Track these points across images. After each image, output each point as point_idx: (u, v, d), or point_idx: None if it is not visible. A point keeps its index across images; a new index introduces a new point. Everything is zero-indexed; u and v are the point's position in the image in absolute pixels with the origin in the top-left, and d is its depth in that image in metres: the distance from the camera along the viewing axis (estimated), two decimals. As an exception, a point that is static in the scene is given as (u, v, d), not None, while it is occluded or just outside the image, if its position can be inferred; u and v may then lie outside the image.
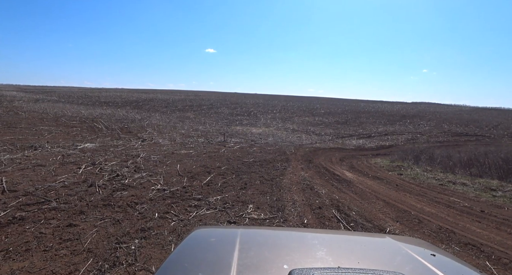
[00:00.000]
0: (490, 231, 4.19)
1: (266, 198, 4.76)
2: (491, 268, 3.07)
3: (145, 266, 2.56)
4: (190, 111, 28.57)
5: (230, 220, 3.75)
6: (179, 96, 45.43)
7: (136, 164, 6.39)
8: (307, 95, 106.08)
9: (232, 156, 8.44)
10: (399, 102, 63.85)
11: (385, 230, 3.89)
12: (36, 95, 35.53)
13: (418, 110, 39.67)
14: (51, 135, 10.10)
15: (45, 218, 3.40)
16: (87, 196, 4.21)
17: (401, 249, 1.14)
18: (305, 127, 22.49)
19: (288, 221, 3.86)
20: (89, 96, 36.88)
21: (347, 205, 4.79)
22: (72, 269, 2.47)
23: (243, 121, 23.82)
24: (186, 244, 1.11)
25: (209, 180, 5.59)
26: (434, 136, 20.44)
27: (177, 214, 3.81)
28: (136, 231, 3.26)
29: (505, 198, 6.04)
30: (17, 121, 12.66)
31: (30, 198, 3.94)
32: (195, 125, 18.30)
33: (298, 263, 0.93)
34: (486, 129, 25.78)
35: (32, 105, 21.33)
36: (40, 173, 5.17)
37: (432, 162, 10.29)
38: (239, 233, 1.21)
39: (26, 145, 7.63)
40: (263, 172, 6.72)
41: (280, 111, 32.72)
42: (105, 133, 11.48)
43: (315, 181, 6.34)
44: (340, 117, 30.10)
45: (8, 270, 2.39)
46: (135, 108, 27.32)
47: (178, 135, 12.62)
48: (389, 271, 0.76)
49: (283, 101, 47.80)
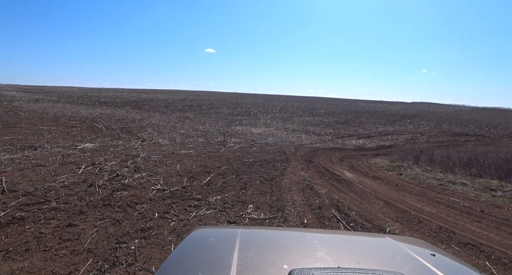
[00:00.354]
0: (490, 231, 4.19)
1: (266, 198, 4.76)
2: (491, 268, 3.07)
3: (145, 266, 2.56)
4: (190, 111, 28.57)
5: (230, 220, 3.75)
6: (179, 96, 45.43)
7: (136, 164, 6.39)
8: (307, 95, 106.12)
9: (232, 156, 8.44)
10: (399, 102, 63.87)
11: (385, 230, 3.89)
12: (36, 95, 35.52)
13: (418, 110, 39.68)
14: (51, 135, 10.10)
15: (45, 218, 3.40)
16: (87, 196, 4.21)
17: (401, 249, 1.14)
18: (305, 127, 22.49)
19: (288, 221, 3.86)
20: (89, 96, 36.88)
21: (347, 205, 4.79)
22: (72, 269, 2.47)
23: (243, 121, 23.82)
24: (186, 244, 1.11)
25: (209, 180, 5.59)
26: (434, 136, 20.45)
27: (177, 214, 3.81)
28: (136, 231, 3.26)
29: (505, 198, 6.05)
30: (17, 121, 12.66)
31: (30, 198, 3.94)
32: (195, 125, 18.30)
33: (298, 263, 0.93)
34: (486, 129, 25.78)
35: (32, 105, 21.33)
36: (40, 173, 5.17)
37: (432, 162, 10.29)
38: (239, 233, 1.21)
39: (26, 145, 7.63)
40: (263, 172, 6.72)
41: (280, 111, 32.72)
42: (105, 133, 11.48)
43: (315, 181, 6.34)
44: (340, 117, 30.10)
45: (8, 270, 2.39)
46: (135, 108, 27.32)
47: (178, 135, 12.62)
48: (389, 271, 0.76)
49: (283, 101, 47.80)
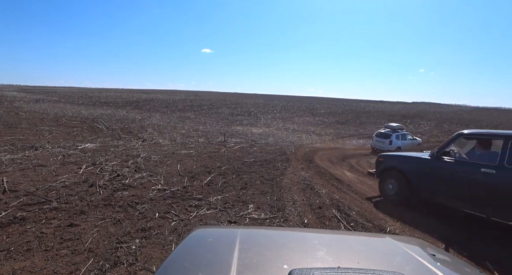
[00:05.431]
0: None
1: (267, 198, 4.77)
2: (491, 268, 3.07)
3: (146, 266, 2.57)
4: (191, 111, 28.58)
5: (230, 220, 3.76)
6: (180, 96, 45.46)
7: (137, 164, 6.40)
8: (307, 95, 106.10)
9: (232, 156, 8.45)
10: (400, 102, 63.81)
11: (385, 230, 3.89)
12: (37, 95, 35.58)
13: (419, 110, 39.63)
14: (52, 135, 10.12)
15: (46, 218, 3.41)
16: (87, 196, 4.22)
17: (401, 249, 1.15)
18: (305, 127, 22.48)
19: (288, 221, 3.86)
20: (90, 97, 36.93)
21: (347, 205, 4.78)
22: (73, 269, 2.47)
23: (243, 121, 23.82)
24: (186, 244, 1.11)
25: (210, 180, 5.59)
26: (434, 136, 20.43)
27: (177, 214, 3.82)
28: (137, 231, 3.26)
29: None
30: (18, 121, 12.68)
31: (31, 198, 3.95)
32: (195, 125, 18.31)
33: (298, 263, 0.94)
34: (486, 129, 25.73)
35: (33, 106, 21.36)
36: (41, 173, 5.18)
37: (432, 162, 10.27)
38: (239, 233, 1.22)
39: (26, 145, 7.65)
40: (263, 172, 6.72)
41: (280, 111, 32.71)
42: (106, 133, 11.50)
43: (315, 181, 6.34)
44: (340, 117, 30.08)
45: (10, 270, 2.40)
46: (135, 108, 27.34)
47: (179, 135, 12.63)
48: (389, 271, 0.77)
49: (283, 101, 47.79)
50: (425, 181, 4.67)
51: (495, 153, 3.92)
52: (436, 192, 4.54)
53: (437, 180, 4.50)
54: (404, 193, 4.98)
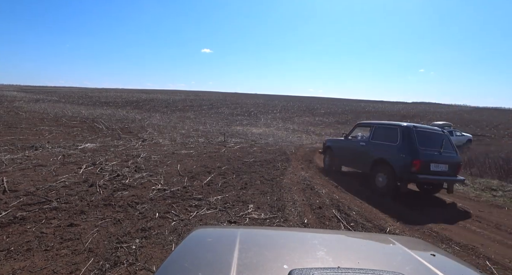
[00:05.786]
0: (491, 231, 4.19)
1: (267, 198, 4.77)
2: (491, 268, 3.07)
3: (146, 266, 2.57)
4: (191, 111, 28.59)
5: (230, 220, 3.76)
6: (179, 96, 45.45)
7: (137, 164, 6.40)
8: (307, 95, 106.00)
9: (232, 156, 8.45)
10: (400, 102, 63.78)
11: (385, 230, 3.89)
12: (37, 95, 35.57)
13: (419, 110, 39.63)
14: (52, 135, 10.12)
15: (46, 218, 3.41)
16: (87, 196, 4.22)
17: (401, 249, 1.15)
18: (305, 127, 22.50)
19: (288, 221, 3.87)
20: (90, 96, 36.93)
21: (347, 205, 4.79)
22: (73, 269, 2.47)
23: (243, 121, 23.84)
24: (186, 244, 1.11)
25: (210, 180, 5.59)
26: (434, 136, 20.37)
27: (177, 214, 3.82)
28: (137, 230, 3.26)
29: (506, 198, 6.04)
30: (18, 121, 12.68)
31: (31, 198, 3.95)
32: (195, 125, 18.31)
33: (298, 263, 0.94)
34: (486, 129, 25.76)
35: (33, 105, 21.36)
36: (40, 173, 5.17)
37: (432, 162, 10.27)
38: (239, 233, 1.22)
39: (26, 145, 7.64)
40: (263, 172, 6.72)
41: (280, 111, 32.72)
42: (106, 133, 11.50)
43: (315, 181, 6.35)
44: (341, 117, 30.10)
45: (10, 270, 2.40)
46: (135, 108, 27.34)
47: (179, 135, 12.63)
48: (389, 271, 0.77)
49: (283, 101, 47.77)
50: (339, 153, 7.41)
51: (368, 134, 6.50)
52: (344, 160, 7.36)
53: (344, 152, 7.23)
54: (331, 162, 7.74)
